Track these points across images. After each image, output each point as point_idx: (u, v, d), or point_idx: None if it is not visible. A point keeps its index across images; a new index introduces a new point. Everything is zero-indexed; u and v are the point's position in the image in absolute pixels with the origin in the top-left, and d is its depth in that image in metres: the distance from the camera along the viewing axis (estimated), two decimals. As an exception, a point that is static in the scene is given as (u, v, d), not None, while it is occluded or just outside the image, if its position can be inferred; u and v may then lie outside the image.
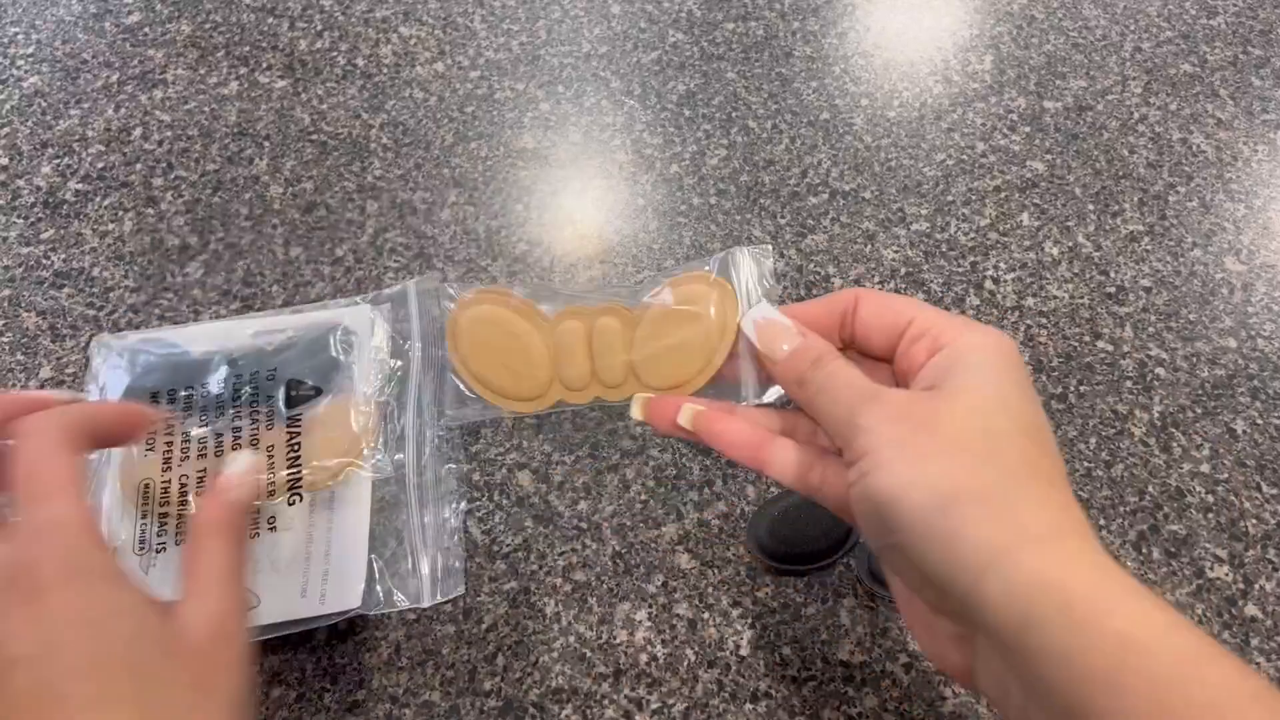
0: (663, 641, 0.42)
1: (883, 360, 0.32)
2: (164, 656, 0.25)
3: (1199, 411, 0.49)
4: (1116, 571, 0.23)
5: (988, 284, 0.54)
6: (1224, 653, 0.21)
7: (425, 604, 0.42)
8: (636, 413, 0.32)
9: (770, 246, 0.35)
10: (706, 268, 0.35)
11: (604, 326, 0.34)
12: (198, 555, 0.30)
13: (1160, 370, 0.51)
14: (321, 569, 0.43)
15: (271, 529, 0.44)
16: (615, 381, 0.34)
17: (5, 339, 0.51)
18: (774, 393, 0.34)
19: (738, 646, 0.42)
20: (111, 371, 0.49)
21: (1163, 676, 0.21)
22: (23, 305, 0.52)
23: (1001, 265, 0.54)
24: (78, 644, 0.23)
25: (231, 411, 0.47)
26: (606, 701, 0.41)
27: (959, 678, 0.27)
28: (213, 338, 0.50)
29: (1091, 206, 0.57)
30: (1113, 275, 0.54)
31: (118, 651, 0.24)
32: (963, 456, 0.25)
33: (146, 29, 0.65)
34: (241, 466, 0.33)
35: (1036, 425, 0.26)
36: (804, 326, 0.31)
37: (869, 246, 0.55)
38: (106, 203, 0.56)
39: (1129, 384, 0.50)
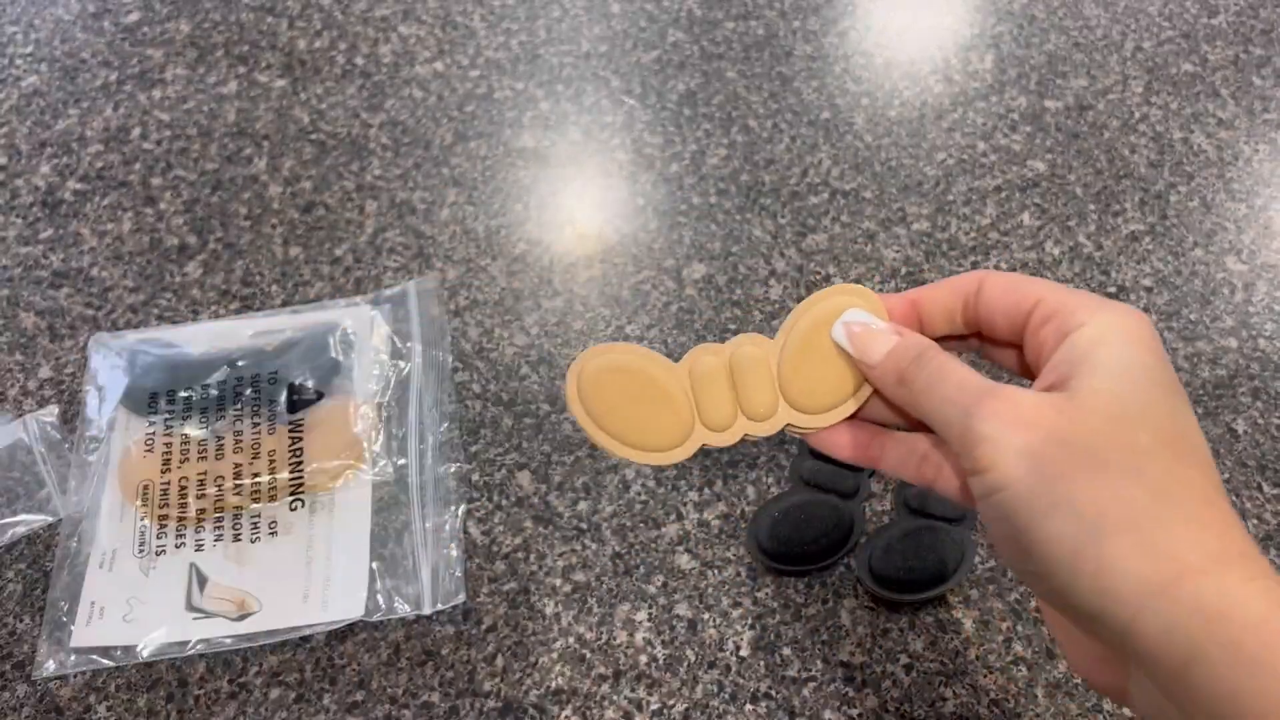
0: (663, 642, 0.42)
1: (1010, 346, 0.29)
2: None
3: (1200, 412, 0.49)
4: None
5: (988, 284, 0.53)
6: None
7: (426, 610, 0.42)
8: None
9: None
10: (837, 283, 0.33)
11: (744, 356, 0.31)
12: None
13: (1161, 370, 0.50)
14: (323, 575, 0.43)
15: (272, 534, 0.44)
16: (763, 414, 0.31)
17: (4, 339, 0.51)
18: None
19: (738, 647, 0.42)
20: (110, 372, 0.49)
21: None
22: (21, 305, 0.52)
23: (1003, 265, 0.54)
24: None
25: (232, 413, 0.47)
26: (606, 703, 0.41)
27: (1112, 696, 0.25)
28: (212, 338, 0.50)
29: (1092, 206, 0.57)
30: (1114, 275, 0.54)
31: None
32: (1105, 476, 0.22)
33: (145, 28, 0.65)
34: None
35: (1183, 431, 0.23)
36: (901, 326, 0.29)
37: (870, 246, 0.55)
38: (105, 202, 0.56)
39: (1130, 384, 0.50)
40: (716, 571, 0.44)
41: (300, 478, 0.45)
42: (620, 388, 0.30)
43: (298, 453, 0.46)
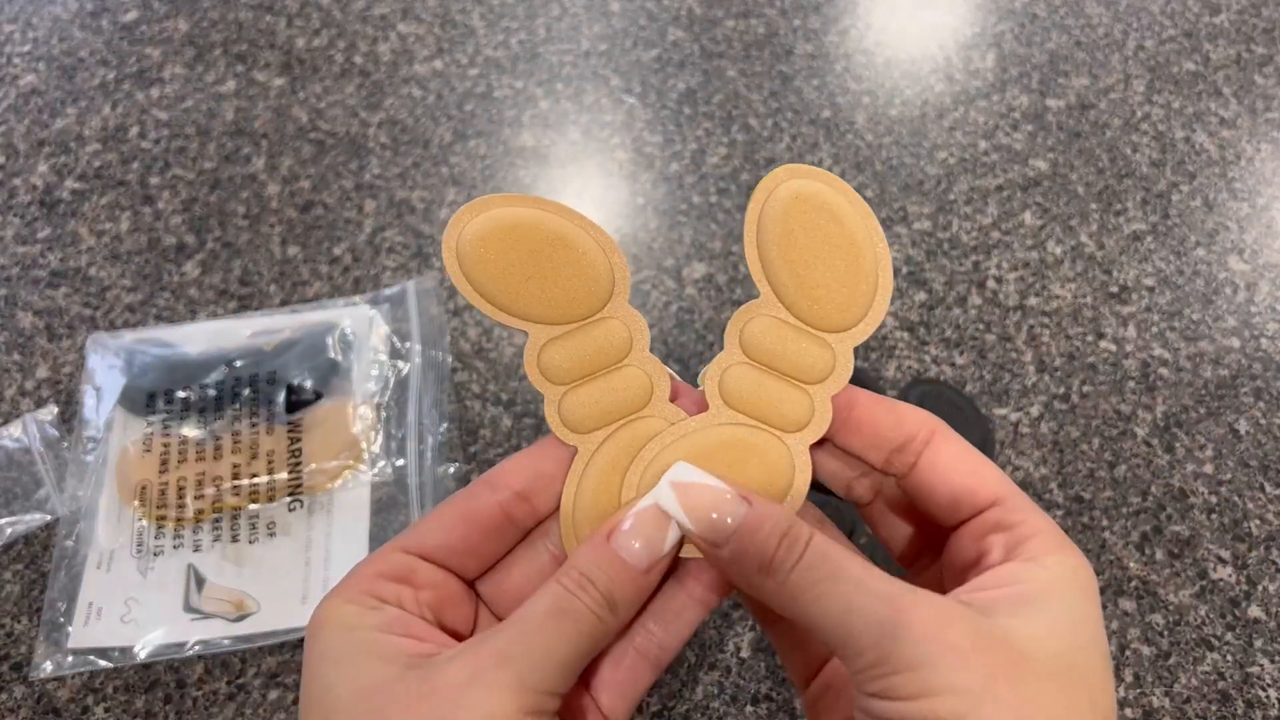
0: (663, 644, 0.42)
1: (917, 524, 0.26)
2: None
3: (1202, 412, 0.49)
4: None
5: (990, 283, 0.53)
6: None
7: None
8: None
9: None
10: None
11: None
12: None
13: (1163, 370, 0.50)
14: (321, 576, 0.43)
15: (271, 535, 0.44)
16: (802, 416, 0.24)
17: (1, 338, 0.51)
18: None
19: (738, 649, 0.42)
20: (108, 371, 0.48)
21: None
22: (19, 304, 0.52)
23: (1004, 264, 0.54)
24: None
25: (230, 413, 0.47)
26: (606, 704, 0.41)
27: None
28: (210, 338, 0.50)
29: (1094, 205, 0.57)
30: (1115, 275, 0.54)
31: None
32: None
33: (143, 27, 0.65)
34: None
35: (1111, 704, 0.21)
36: (746, 489, 0.23)
37: (870, 246, 0.54)
38: (103, 201, 0.56)
39: (1132, 384, 0.50)
40: (717, 572, 0.44)
41: (299, 478, 0.45)
42: (514, 248, 0.24)
43: (296, 453, 0.45)
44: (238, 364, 0.48)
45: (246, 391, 0.47)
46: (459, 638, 0.23)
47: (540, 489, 0.25)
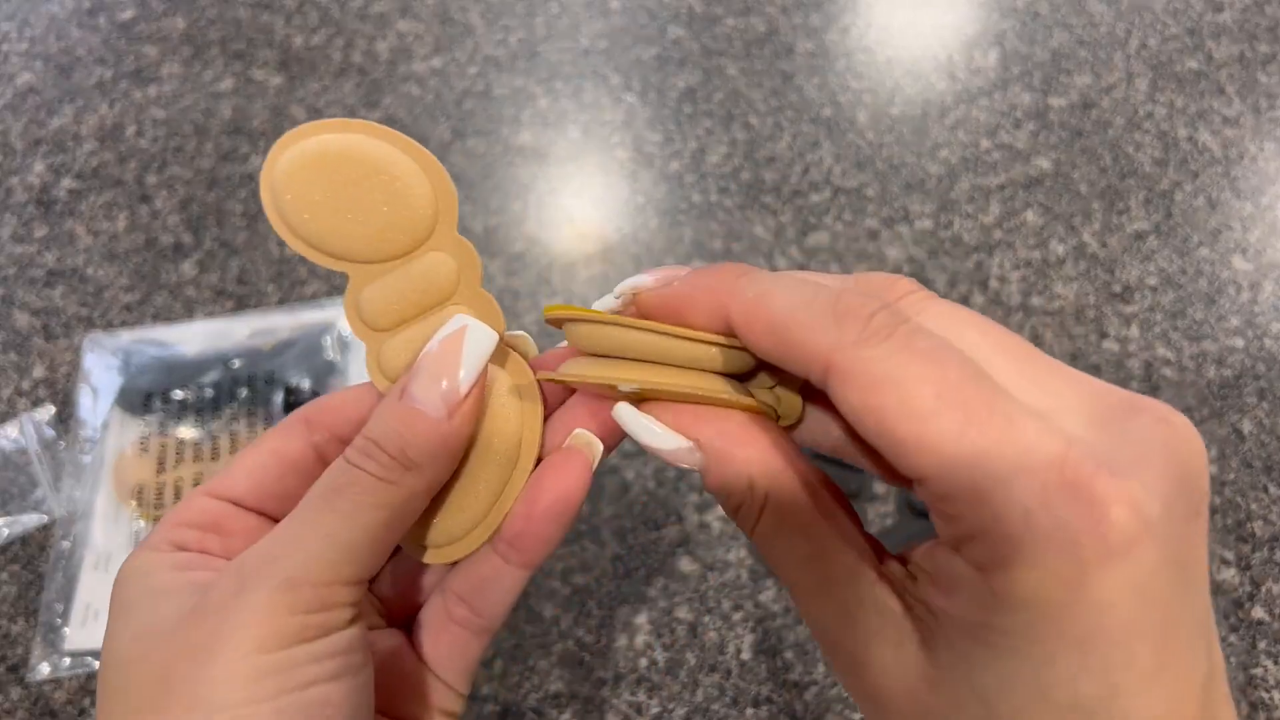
0: (663, 646, 0.42)
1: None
2: None
3: (1206, 412, 0.49)
4: None
5: (993, 283, 0.53)
6: None
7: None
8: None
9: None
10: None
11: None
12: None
13: (1167, 370, 0.50)
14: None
15: (267, 532, 0.44)
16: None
17: (-2, 339, 0.51)
18: None
19: (739, 651, 0.42)
20: (105, 372, 0.48)
21: None
22: (15, 304, 0.52)
23: (1006, 264, 0.54)
24: None
25: (227, 413, 0.46)
26: (606, 706, 0.40)
27: None
28: (207, 337, 0.49)
29: (1097, 204, 0.56)
30: (1118, 274, 0.53)
31: None
32: None
33: (141, 25, 0.64)
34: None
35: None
36: (711, 435, 0.20)
37: (872, 245, 0.54)
38: (100, 201, 0.56)
39: (1135, 384, 0.50)
40: (717, 574, 0.44)
41: (296, 479, 0.45)
42: (328, 180, 0.21)
43: (294, 454, 0.45)
44: (235, 364, 0.48)
45: (244, 392, 0.47)
46: None
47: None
